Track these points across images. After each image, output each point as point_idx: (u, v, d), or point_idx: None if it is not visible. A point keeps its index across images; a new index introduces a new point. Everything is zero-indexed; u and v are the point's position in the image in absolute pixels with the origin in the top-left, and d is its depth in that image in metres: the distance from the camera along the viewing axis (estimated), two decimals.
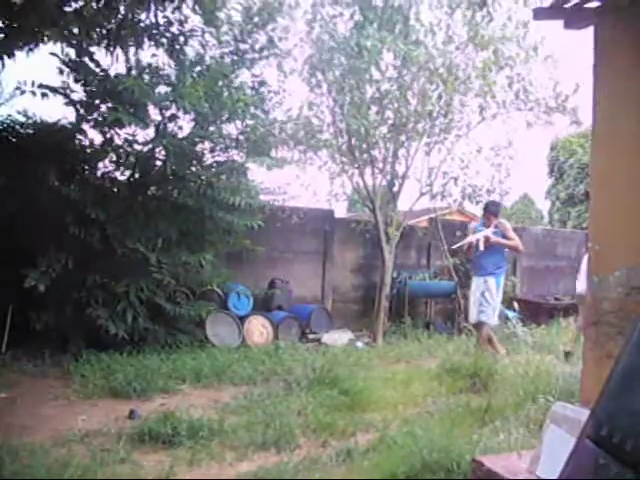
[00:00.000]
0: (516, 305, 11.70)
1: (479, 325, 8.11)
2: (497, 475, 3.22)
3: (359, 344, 9.55)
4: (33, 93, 7.25)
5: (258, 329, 9.23)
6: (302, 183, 10.70)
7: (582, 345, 3.55)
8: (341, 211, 17.09)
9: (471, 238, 8.23)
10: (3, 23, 5.90)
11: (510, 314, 10.94)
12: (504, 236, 8.16)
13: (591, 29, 3.56)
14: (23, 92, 7.24)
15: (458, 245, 8.86)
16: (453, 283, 11.09)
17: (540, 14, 3.84)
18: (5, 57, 6.21)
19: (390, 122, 10.01)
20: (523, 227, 14.99)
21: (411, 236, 11.61)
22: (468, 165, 10.82)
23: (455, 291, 11.10)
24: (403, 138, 10.26)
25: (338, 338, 9.61)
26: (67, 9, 5.80)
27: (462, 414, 5.09)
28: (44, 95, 7.34)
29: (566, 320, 10.98)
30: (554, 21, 3.80)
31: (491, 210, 8.40)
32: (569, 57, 10.38)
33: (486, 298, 8.00)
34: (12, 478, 3.48)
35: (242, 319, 9.09)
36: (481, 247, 8.01)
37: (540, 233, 14.01)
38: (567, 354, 8.08)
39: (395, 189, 10.71)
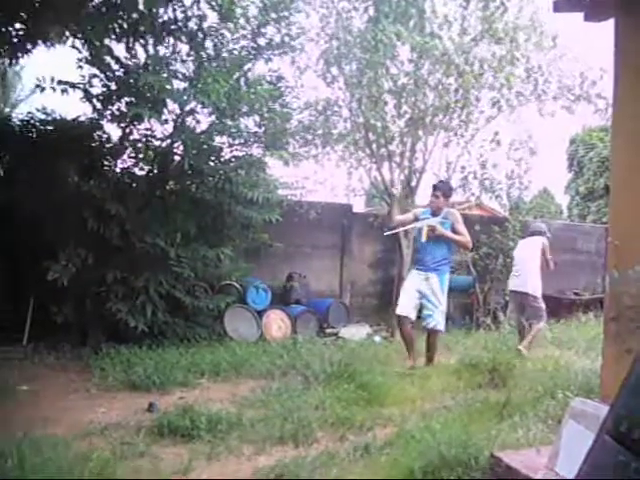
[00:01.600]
0: None
1: (431, 331, 7.23)
2: (515, 471, 3.21)
3: (377, 338, 9.54)
4: (53, 89, 7.32)
5: (276, 323, 9.26)
6: (319, 178, 10.69)
7: (602, 340, 3.51)
8: (359, 205, 17.08)
9: (413, 225, 7.39)
10: (23, 20, 5.95)
11: None
12: (453, 229, 7.14)
13: (611, 21, 3.53)
14: (43, 89, 7.30)
15: (392, 232, 8.38)
16: (471, 278, 11.05)
17: (560, 6, 3.80)
18: (25, 54, 6.26)
19: (407, 116, 9.96)
20: (543, 221, 14.89)
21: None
22: (487, 159, 10.74)
23: (473, 286, 11.05)
24: (421, 132, 10.21)
25: (356, 332, 9.61)
26: (86, 4, 5.84)
27: (480, 409, 5.07)
28: (64, 91, 7.41)
29: (586, 315, 10.92)
30: (574, 13, 3.77)
31: (441, 189, 7.36)
32: (586, 47, 10.28)
33: (431, 301, 7.09)
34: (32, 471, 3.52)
35: (260, 313, 9.13)
36: (422, 238, 7.12)
37: (559, 227, 13.89)
38: (519, 351, 7.62)
39: (413, 183, 10.67)
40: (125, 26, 7.21)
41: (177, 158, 8.02)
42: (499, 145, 10.63)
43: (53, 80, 7.28)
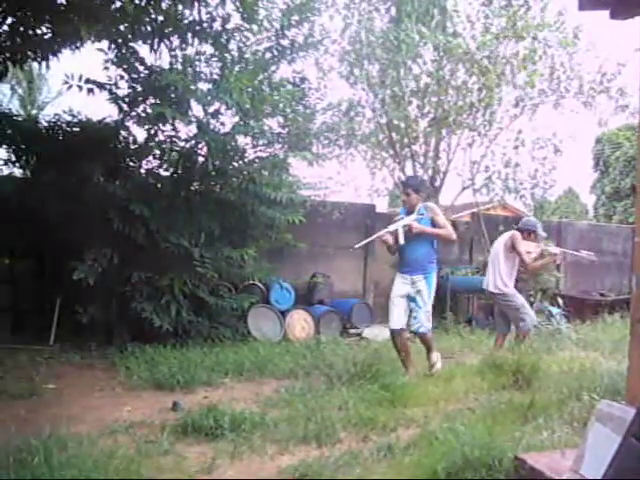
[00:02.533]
0: (560, 301, 11.52)
1: (420, 335, 6.69)
2: (540, 473, 3.19)
3: None
4: (79, 88, 7.41)
5: (299, 323, 9.27)
6: (343, 178, 10.70)
7: (628, 342, 3.47)
8: (382, 206, 17.07)
9: (387, 230, 6.48)
10: (49, 22, 6.02)
11: (554, 310, 10.78)
12: (433, 223, 6.54)
13: (637, 19, 3.49)
14: (70, 86, 7.39)
15: (363, 243, 7.15)
16: None
17: (586, 4, 3.75)
18: (52, 57, 6.34)
19: (431, 116, 9.93)
20: (568, 222, 14.77)
21: None
22: (510, 158, 10.68)
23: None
24: (444, 132, 10.17)
25: (379, 333, 9.57)
26: (112, 6, 5.88)
27: (504, 411, 5.03)
28: (90, 91, 7.49)
29: (611, 316, 10.79)
30: (599, 11, 3.73)
31: (411, 185, 6.72)
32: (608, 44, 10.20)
33: (417, 303, 6.50)
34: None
35: (284, 313, 9.15)
36: (400, 240, 6.38)
37: (585, 228, 13.77)
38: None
39: (437, 183, 10.63)
40: (150, 27, 7.26)
41: (201, 159, 8.06)
42: (523, 145, 10.57)
43: (80, 78, 7.38)
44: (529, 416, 4.83)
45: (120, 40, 7.37)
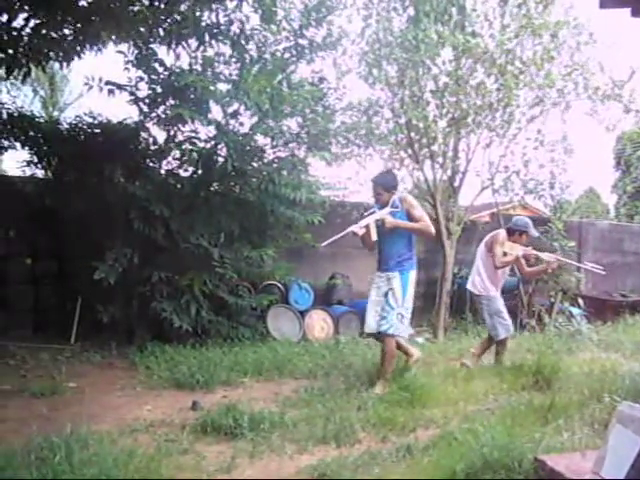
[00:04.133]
0: (581, 302, 11.44)
1: (383, 337, 6.09)
2: (560, 475, 3.17)
3: (420, 340, 9.49)
4: (100, 89, 7.49)
5: (319, 323, 9.28)
6: (362, 178, 10.69)
7: None
8: None
9: (358, 226, 5.98)
10: (71, 24, 6.08)
11: (575, 311, 10.71)
12: (409, 216, 6.07)
13: None
14: (91, 87, 7.47)
15: (328, 242, 6.41)
16: (515, 279, 10.90)
17: (607, 2, 3.73)
18: (74, 58, 6.40)
19: (449, 116, 9.90)
20: (589, 221, 14.65)
21: (473, 231, 11.43)
22: (529, 158, 10.63)
23: (517, 287, 10.90)
24: (463, 132, 10.13)
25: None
26: (131, 8, 5.94)
27: (524, 412, 5.00)
28: (110, 92, 7.56)
29: (633, 317, 10.70)
30: (621, 9, 3.71)
31: (381, 184, 6.19)
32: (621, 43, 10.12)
33: (388, 302, 6.00)
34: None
35: (303, 313, 9.17)
36: (373, 236, 5.98)
37: (606, 228, 13.65)
38: (463, 365, 6.95)
39: (456, 184, 10.59)
40: (169, 29, 7.30)
41: (221, 159, 8.09)
42: (542, 145, 10.52)
43: (100, 80, 7.46)
44: (549, 417, 4.80)
45: (140, 42, 7.43)
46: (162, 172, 8.33)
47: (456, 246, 10.39)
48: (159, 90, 7.72)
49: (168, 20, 7.01)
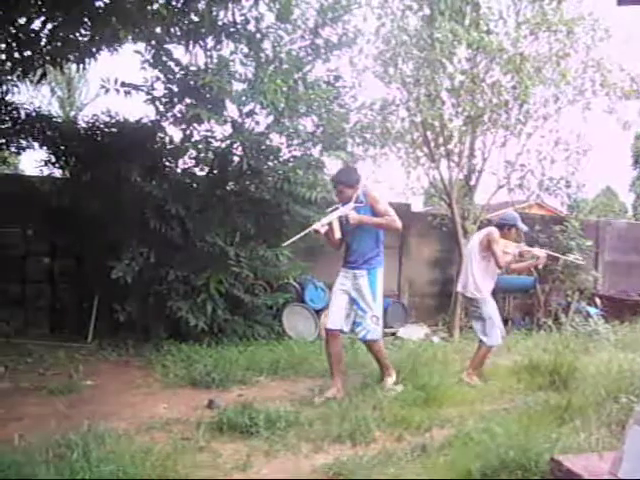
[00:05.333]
0: (598, 301, 11.36)
1: (366, 344, 6.01)
2: (577, 475, 3.15)
3: (435, 339, 9.48)
4: (117, 91, 7.52)
5: None
6: (378, 177, 10.69)
7: None
8: (417, 205, 17.00)
9: (321, 224, 5.72)
10: (88, 25, 6.11)
11: (592, 310, 10.64)
12: (373, 211, 5.81)
13: None
14: (107, 90, 7.51)
15: (289, 242, 6.39)
16: (532, 278, 10.84)
17: None
18: (91, 59, 6.44)
19: (465, 114, 9.86)
20: (607, 220, 14.54)
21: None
22: (545, 157, 10.57)
23: (534, 286, 10.85)
24: (479, 130, 10.09)
25: (414, 332, 9.57)
26: (147, 8, 5.95)
27: (540, 412, 4.98)
28: (127, 93, 7.60)
29: None
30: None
31: (341, 182, 5.93)
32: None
33: (360, 306, 5.81)
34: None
35: (318, 312, 9.16)
36: (336, 233, 5.74)
37: (624, 227, 13.54)
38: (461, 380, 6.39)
39: (472, 182, 10.55)
40: (185, 29, 7.33)
41: (236, 159, 8.11)
42: (557, 144, 10.47)
43: (116, 82, 7.50)
44: (566, 417, 4.78)
45: (156, 42, 7.46)
46: (178, 171, 8.37)
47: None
48: (175, 90, 7.75)
49: (185, 19, 7.03)
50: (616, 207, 29.19)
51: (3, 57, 6.58)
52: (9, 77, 8.03)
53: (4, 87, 8.22)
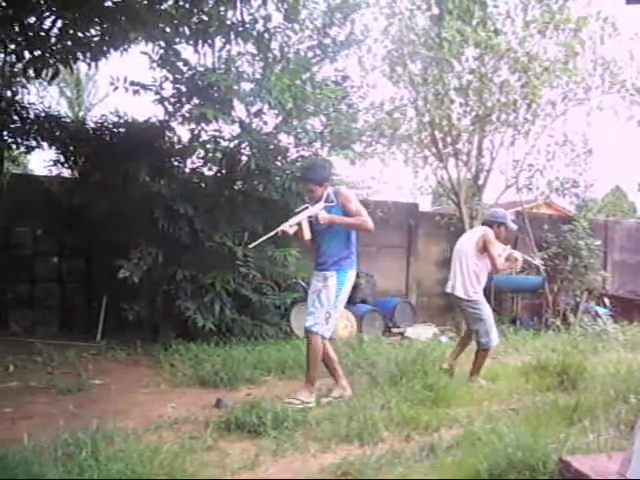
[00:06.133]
0: (607, 301, 11.32)
1: (308, 335, 5.61)
2: (585, 476, 3.14)
3: (443, 339, 9.47)
4: (125, 89, 7.54)
5: (342, 322, 9.26)
6: (386, 178, 10.70)
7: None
8: (425, 204, 17.00)
9: (289, 224, 5.48)
10: (98, 24, 6.14)
11: (600, 311, 10.60)
12: (345, 211, 5.55)
13: None
14: (116, 88, 7.54)
15: (256, 243, 6.05)
16: (540, 278, 10.82)
17: None
18: (101, 58, 6.46)
19: (473, 114, 9.84)
20: (615, 220, 14.48)
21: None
22: (553, 156, 10.55)
23: (542, 286, 10.82)
24: (487, 130, 10.07)
25: (422, 332, 9.56)
26: (156, 8, 5.97)
27: (549, 412, 4.96)
28: (136, 92, 7.62)
29: None
30: None
31: (310, 179, 5.66)
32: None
33: (320, 299, 5.53)
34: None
35: None
36: (305, 234, 5.50)
37: (633, 227, 13.48)
38: (447, 371, 6.39)
39: (480, 182, 10.53)
40: (194, 29, 7.34)
41: (244, 158, 8.12)
42: (566, 143, 10.45)
43: (126, 80, 7.52)
44: (574, 418, 4.76)
45: (164, 42, 7.47)
46: (186, 171, 8.39)
47: None
48: (184, 89, 7.76)
49: (193, 19, 7.05)
50: (625, 207, 29.06)
51: (13, 58, 6.62)
52: (18, 79, 8.09)
53: (14, 87, 8.27)
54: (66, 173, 8.89)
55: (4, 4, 5.87)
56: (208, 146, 7.98)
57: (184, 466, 3.72)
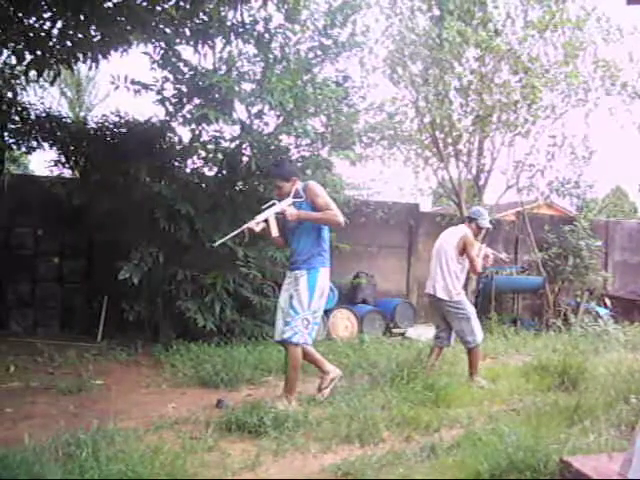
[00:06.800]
0: (608, 302, 11.32)
1: (287, 345, 5.36)
2: (586, 476, 3.14)
3: None
4: (127, 89, 7.54)
5: (343, 323, 9.28)
6: (386, 178, 10.71)
7: None
8: (426, 205, 17.00)
9: (256, 221, 5.29)
10: (98, 25, 6.13)
11: (601, 311, 10.60)
12: (314, 206, 5.30)
13: None
14: (117, 87, 7.53)
15: (226, 238, 5.69)
16: (541, 278, 10.82)
17: None
18: (101, 58, 6.45)
19: (474, 114, 9.85)
20: (616, 220, 14.47)
21: (498, 230, 11.39)
22: (553, 157, 10.56)
23: (543, 286, 10.83)
24: (488, 130, 10.07)
25: (422, 333, 9.54)
26: (156, 9, 5.96)
27: (550, 413, 4.96)
28: (136, 92, 7.62)
29: None
30: None
31: (277, 176, 5.49)
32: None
33: (293, 306, 5.27)
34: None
35: (327, 312, 9.15)
36: (273, 231, 5.34)
37: (634, 227, 13.47)
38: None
39: (481, 182, 10.53)
40: (194, 29, 7.34)
41: (245, 159, 8.11)
42: (565, 145, 10.46)
43: (127, 80, 7.52)
44: (575, 418, 4.76)
45: (165, 42, 7.47)
46: (187, 171, 8.39)
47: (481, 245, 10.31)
48: (184, 90, 7.76)
49: (194, 19, 7.04)
50: (626, 207, 29.04)
51: (14, 59, 6.62)
52: (18, 80, 8.09)
53: (15, 88, 8.27)
54: (67, 173, 8.90)
55: (4, 4, 5.87)
56: (209, 147, 7.99)
57: (185, 466, 3.73)
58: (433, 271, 6.68)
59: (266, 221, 5.32)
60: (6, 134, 8.45)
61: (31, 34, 5.95)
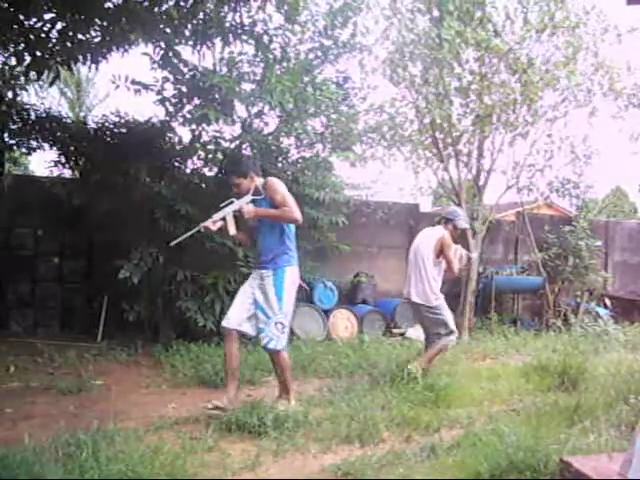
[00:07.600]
0: (608, 302, 11.32)
1: (269, 352, 5.29)
2: (586, 476, 3.14)
3: None
4: (127, 88, 7.54)
5: (343, 323, 9.28)
6: (386, 178, 10.70)
7: None
8: (426, 205, 16.99)
9: (213, 220, 5.24)
10: (98, 26, 6.13)
11: (601, 311, 10.60)
12: (272, 202, 5.14)
13: None
14: (117, 87, 7.53)
15: (177, 241, 5.65)
16: (541, 279, 10.82)
17: None
18: (101, 59, 6.46)
19: (474, 114, 9.84)
20: (616, 221, 14.47)
21: (498, 230, 11.40)
22: (553, 157, 10.57)
23: (543, 287, 10.82)
24: (487, 130, 10.07)
25: (422, 333, 9.54)
26: (156, 9, 5.96)
27: (550, 413, 4.97)
28: (137, 92, 7.61)
29: None
30: None
31: (233, 172, 5.44)
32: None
33: (264, 310, 5.10)
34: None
35: (327, 312, 9.17)
36: (230, 230, 5.22)
37: (634, 227, 13.46)
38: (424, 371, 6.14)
39: (481, 182, 10.53)
40: (194, 30, 7.34)
41: None
42: (563, 145, 10.47)
43: (127, 79, 7.51)
44: (575, 418, 4.77)
45: (165, 43, 7.47)
46: (187, 171, 8.38)
47: (481, 245, 10.33)
48: (184, 90, 7.75)
49: (193, 20, 7.04)
50: (626, 207, 29.04)
51: (13, 60, 6.62)
52: (18, 81, 8.09)
53: (15, 89, 8.27)
54: (67, 174, 8.90)
55: (4, 5, 5.88)
56: (209, 147, 7.98)
57: (185, 466, 3.74)
58: (410, 275, 6.59)
59: (224, 219, 5.21)
60: (6, 135, 8.46)
61: (31, 35, 5.95)
